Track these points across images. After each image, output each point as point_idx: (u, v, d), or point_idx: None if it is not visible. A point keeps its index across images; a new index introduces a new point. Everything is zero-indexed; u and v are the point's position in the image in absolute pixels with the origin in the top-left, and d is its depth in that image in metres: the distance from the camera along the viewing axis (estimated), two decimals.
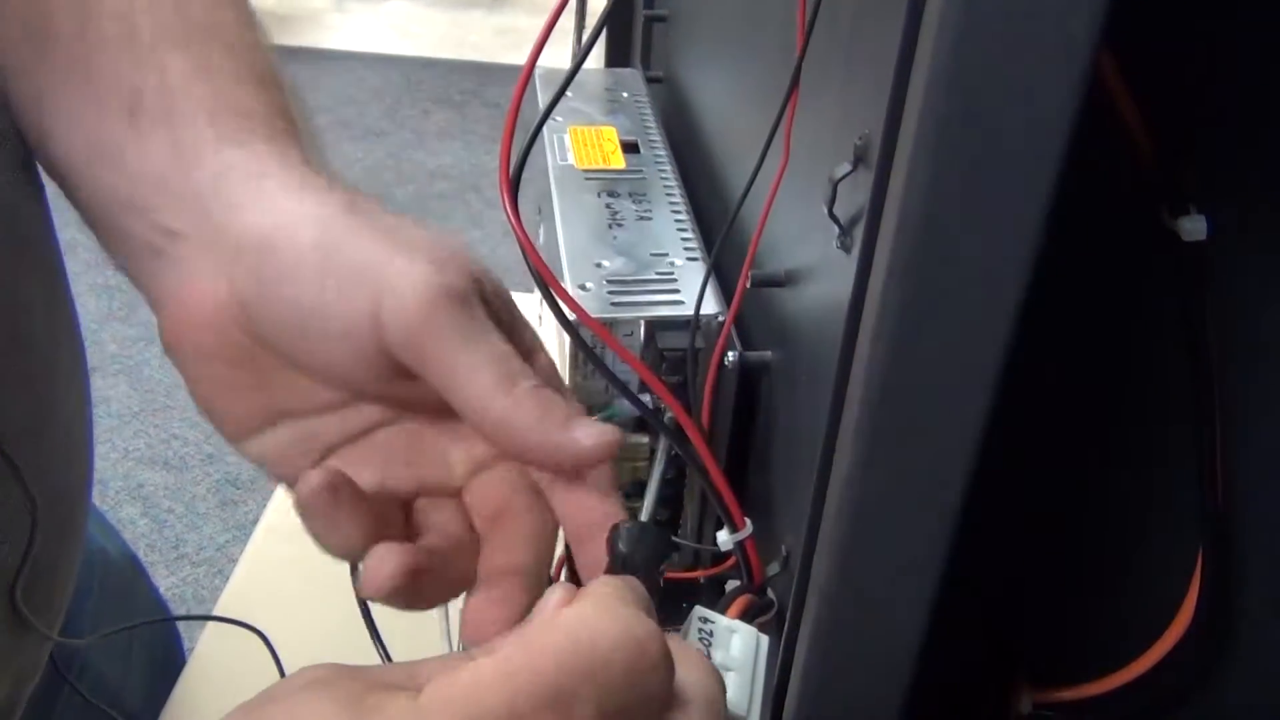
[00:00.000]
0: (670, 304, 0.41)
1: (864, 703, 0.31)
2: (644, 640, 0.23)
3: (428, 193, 2.62)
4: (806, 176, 0.33)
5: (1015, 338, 0.25)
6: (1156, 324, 0.33)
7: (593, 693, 0.22)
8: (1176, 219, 0.30)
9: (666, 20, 0.61)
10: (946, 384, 0.26)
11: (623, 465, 0.42)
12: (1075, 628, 0.41)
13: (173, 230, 0.34)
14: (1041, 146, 0.23)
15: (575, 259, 0.43)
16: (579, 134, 0.51)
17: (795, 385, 0.35)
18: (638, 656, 0.23)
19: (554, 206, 0.46)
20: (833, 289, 0.30)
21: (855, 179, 0.28)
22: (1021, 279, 0.24)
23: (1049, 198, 0.23)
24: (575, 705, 0.22)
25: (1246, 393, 0.32)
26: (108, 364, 1.95)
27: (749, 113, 0.43)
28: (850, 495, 0.28)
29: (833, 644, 0.30)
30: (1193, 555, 0.34)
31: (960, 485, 0.27)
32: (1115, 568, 0.38)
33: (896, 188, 0.24)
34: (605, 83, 0.58)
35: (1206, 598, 0.34)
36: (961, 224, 0.24)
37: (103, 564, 0.60)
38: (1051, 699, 0.40)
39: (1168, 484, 0.35)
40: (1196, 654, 0.35)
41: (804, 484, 0.31)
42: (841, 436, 0.28)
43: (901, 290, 0.24)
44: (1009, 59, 0.22)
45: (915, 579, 0.29)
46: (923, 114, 0.22)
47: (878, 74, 0.25)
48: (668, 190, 0.48)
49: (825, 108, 0.31)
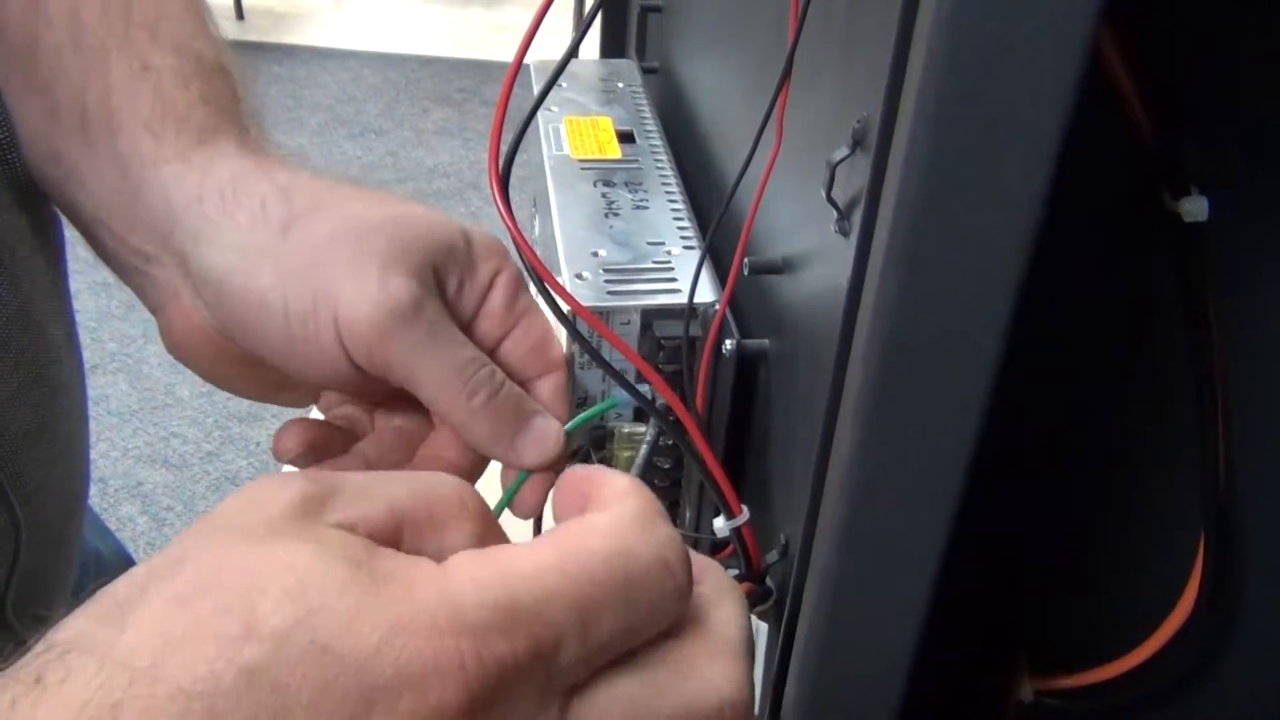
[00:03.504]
0: (667, 292, 0.40)
1: (864, 689, 0.31)
2: (673, 566, 0.23)
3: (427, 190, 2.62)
4: (803, 163, 0.32)
5: (1016, 321, 0.25)
6: (1158, 306, 0.33)
7: (619, 609, 0.22)
8: (1178, 200, 0.29)
9: (661, 10, 0.61)
10: (947, 368, 0.25)
11: (621, 455, 0.42)
12: (1076, 615, 0.40)
13: (143, 251, 0.35)
14: (1042, 126, 0.22)
15: (572, 249, 0.42)
16: (574, 124, 0.51)
17: (793, 372, 0.35)
18: (665, 580, 0.23)
19: (550, 197, 0.46)
20: (831, 274, 0.30)
21: (853, 162, 0.27)
22: (1022, 261, 0.24)
23: (1049, 178, 0.23)
24: (601, 618, 0.21)
25: (1248, 376, 0.32)
26: (107, 362, 1.95)
27: (744, 101, 0.42)
28: (850, 481, 0.27)
29: (833, 631, 0.30)
30: (1194, 542, 0.34)
31: (961, 472, 0.27)
32: (1116, 555, 0.38)
33: (895, 169, 0.24)
34: (600, 73, 0.58)
35: (1208, 584, 0.34)
36: (961, 205, 0.23)
37: (96, 565, 0.60)
38: (1052, 686, 0.39)
39: (1169, 471, 0.35)
40: (1198, 641, 0.35)
41: (802, 472, 0.31)
42: (841, 422, 0.28)
43: (901, 273, 0.24)
44: (1008, 37, 0.21)
45: (916, 566, 0.29)
46: (921, 94, 0.22)
47: (875, 56, 0.25)
48: (663, 179, 0.48)
49: (820, 93, 0.31)
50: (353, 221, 0.33)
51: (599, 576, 0.22)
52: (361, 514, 0.22)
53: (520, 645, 0.20)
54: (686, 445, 0.36)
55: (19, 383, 0.38)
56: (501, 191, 0.31)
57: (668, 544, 0.23)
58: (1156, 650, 0.35)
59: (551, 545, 0.22)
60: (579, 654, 0.21)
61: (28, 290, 0.39)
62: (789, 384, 0.36)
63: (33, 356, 0.39)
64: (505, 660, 0.20)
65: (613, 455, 0.42)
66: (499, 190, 0.31)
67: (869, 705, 0.31)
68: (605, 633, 0.21)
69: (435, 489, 0.24)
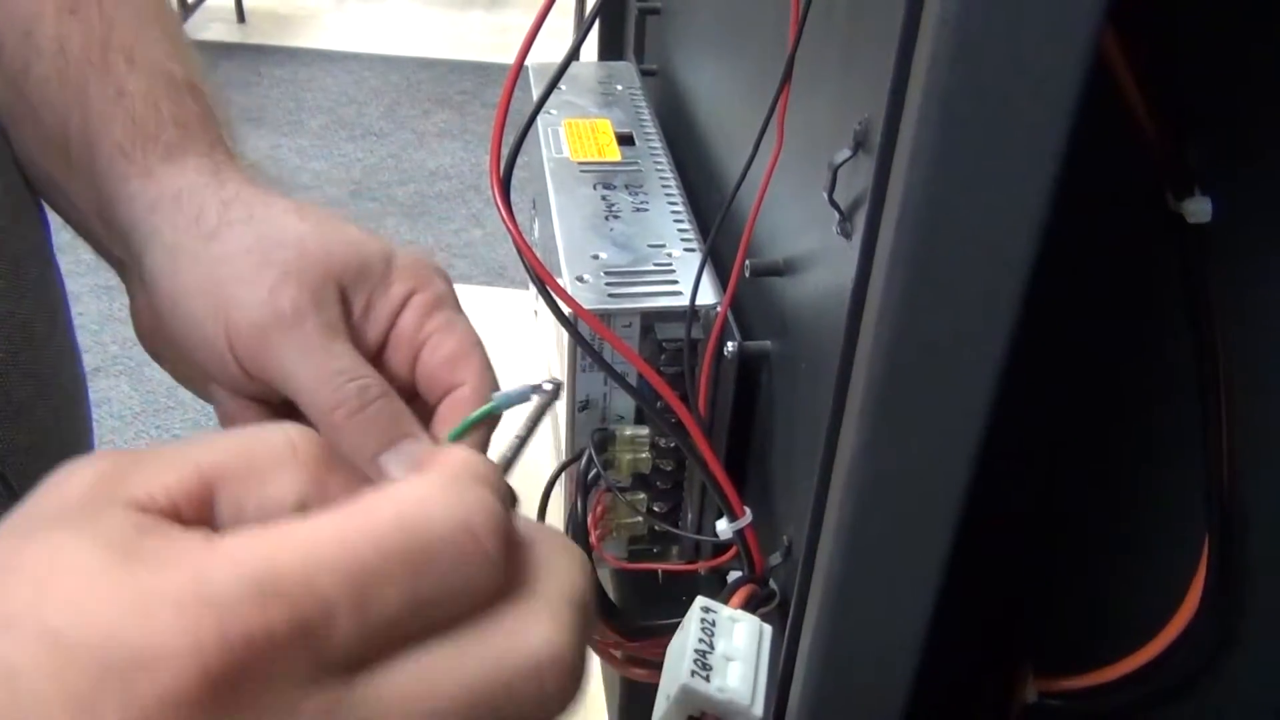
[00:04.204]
0: (669, 295, 0.40)
1: (869, 691, 0.31)
2: (480, 533, 0.21)
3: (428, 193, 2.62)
4: (804, 165, 0.32)
5: (1020, 322, 0.25)
6: (1161, 307, 0.33)
7: (406, 580, 0.20)
8: (1181, 201, 0.29)
9: (660, 13, 0.61)
10: (951, 369, 0.25)
11: (622, 458, 0.42)
12: (1080, 616, 0.40)
13: (119, 258, 0.38)
14: (1046, 127, 0.22)
15: (572, 251, 0.42)
16: (574, 127, 0.51)
17: (796, 374, 0.35)
18: (469, 549, 0.21)
19: (550, 199, 0.46)
20: (833, 276, 0.29)
21: (855, 164, 0.27)
22: (1026, 262, 0.24)
23: (1053, 179, 0.23)
24: (383, 590, 0.20)
25: (1251, 376, 0.32)
26: (109, 365, 1.95)
27: (743, 103, 0.42)
28: (855, 483, 0.27)
29: (837, 632, 0.30)
30: (1198, 542, 0.34)
31: (965, 473, 0.27)
32: (1120, 556, 0.38)
33: (899, 171, 0.24)
34: (599, 76, 0.58)
35: (1212, 585, 0.34)
36: (965, 207, 0.23)
37: None
38: (1056, 688, 0.39)
39: (1173, 471, 0.35)
40: (1202, 641, 0.35)
41: (805, 474, 0.31)
42: (845, 424, 0.28)
43: (906, 275, 0.24)
44: (1012, 37, 0.21)
45: (920, 567, 0.28)
46: (926, 96, 0.22)
47: (876, 58, 0.25)
48: (663, 182, 0.48)
49: (821, 95, 0.31)
50: (273, 234, 0.35)
51: (384, 545, 0.20)
52: (163, 483, 0.21)
53: (276, 619, 0.19)
54: (689, 447, 0.36)
55: (25, 396, 0.39)
56: (503, 195, 0.31)
57: (477, 509, 0.21)
58: (1161, 651, 0.35)
59: (338, 512, 0.20)
60: (356, 630, 0.19)
61: (31, 306, 0.39)
62: (791, 386, 0.36)
63: (38, 369, 0.39)
64: (255, 636, 0.18)
65: (615, 458, 0.42)
66: (500, 194, 0.31)
67: (873, 707, 0.31)
68: (391, 606, 0.20)
69: (256, 441, 0.22)
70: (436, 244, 2.49)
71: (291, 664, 0.19)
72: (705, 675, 0.32)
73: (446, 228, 2.54)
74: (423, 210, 2.58)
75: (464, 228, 2.53)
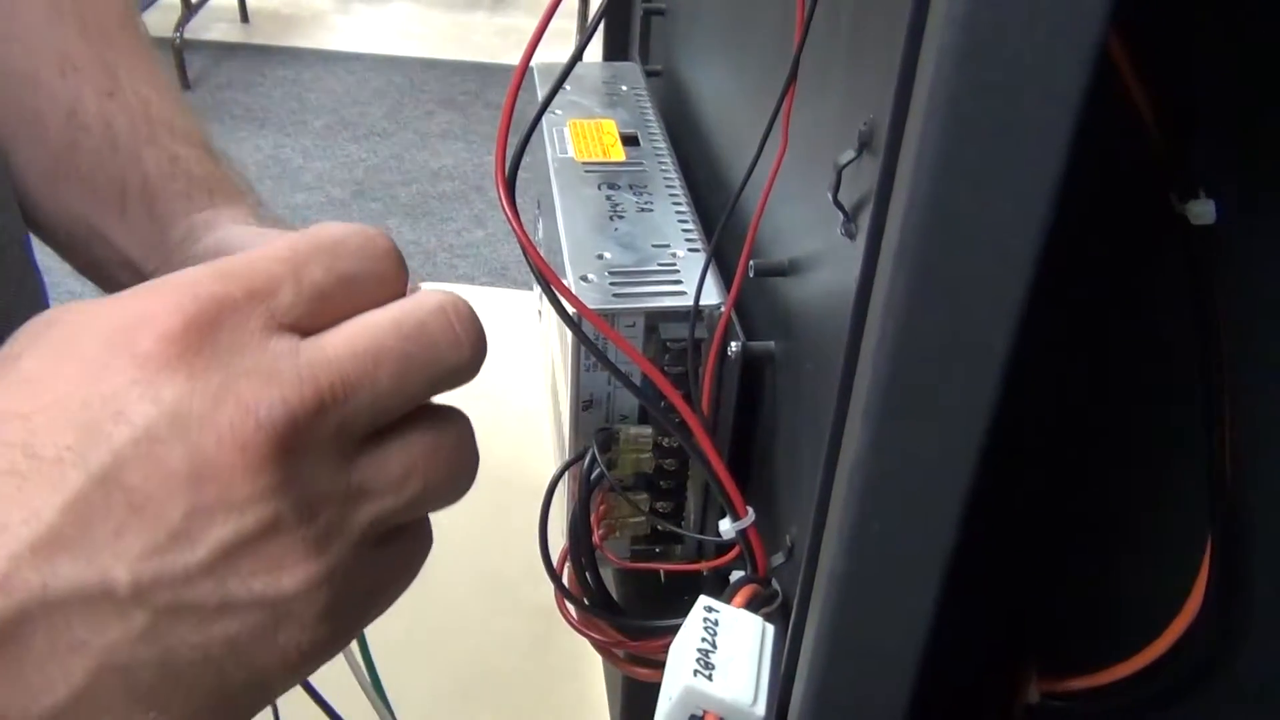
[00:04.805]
0: (673, 295, 0.40)
1: (871, 692, 0.31)
2: (373, 235, 0.28)
3: (431, 193, 2.63)
4: (809, 165, 0.32)
5: (1024, 323, 0.25)
6: (1165, 308, 0.33)
7: (327, 260, 0.27)
8: (1185, 203, 0.29)
9: (665, 13, 0.61)
10: (955, 369, 0.25)
11: (625, 458, 0.42)
12: (1083, 616, 0.40)
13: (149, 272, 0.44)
14: (1052, 127, 0.22)
15: (576, 251, 0.42)
16: (578, 127, 0.51)
17: (800, 374, 0.35)
18: (367, 242, 0.28)
19: (554, 199, 0.46)
20: (837, 276, 0.30)
21: (860, 165, 0.27)
22: (1031, 263, 0.24)
23: (1058, 180, 0.23)
24: (311, 267, 0.27)
25: (1255, 377, 0.32)
26: None
27: (748, 103, 0.42)
28: (859, 483, 0.27)
29: (840, 633, 0.30)
30: (1202, 541, 0.34)
31: (969, 472, 0.27)
32: (1123, 556, 0.38)
33: (904, 172, 0.24)
34: (604, 76, 0.58)
35: (1216, 584, 0.34)
36: (969, 208, 0.23)
37: None
38: (1060, 688, 0.39)
39: (1176, 471, 0.35)
40: (1206, 641, 0.35)
41: (809, 473, 0.31)
42: (849, 424, 0.28)
43: (911, 275, 0.24)
44: (1020, 38, 0.21)
45: (923, 568, 0.28)
46: (931, 96, 0.22)
47: (883, 58, 0.25)
48: (668, 182, 0.48)
49: (826, 94, 0.31)
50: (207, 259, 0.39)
51: (307, 240, 0.27)
52: None
53: (234, 288, 0.25)
54: (692, 447, 0.36)
55: None
56: (508, 195, 0.31)
57: (366, 226, 0.29)
58: (1164, 651, 0.35)
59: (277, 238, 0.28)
60: (295, 294, 0.26)
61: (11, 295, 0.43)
62: (795, 386, 0.36)
63: None
64: (218, 295, 0.25)
65: (618, 458, 0.42)
66: (505, 194, 0.31)
67: (876, 707, 0.31)
68: (319, 278, 0.27)
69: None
70: (439, 244, 2.49)
71: (251, 316, 0.25)
72: (708, 675, 0.32)
73: (449, 228, 2.54)
74: (425, 211, 2.58)
75: (467, 228, 2.54)
